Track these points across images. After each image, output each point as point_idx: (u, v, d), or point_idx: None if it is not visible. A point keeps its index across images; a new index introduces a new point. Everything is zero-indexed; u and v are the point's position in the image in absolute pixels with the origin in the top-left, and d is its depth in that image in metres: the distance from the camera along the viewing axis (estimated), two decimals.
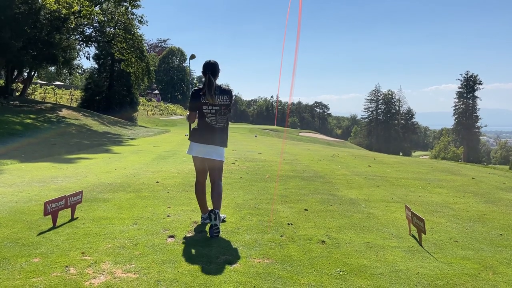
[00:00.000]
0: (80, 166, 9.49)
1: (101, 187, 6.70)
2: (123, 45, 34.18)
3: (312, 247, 3.91)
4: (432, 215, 5.32)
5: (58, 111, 26.57)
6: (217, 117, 4.41)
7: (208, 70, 4.38)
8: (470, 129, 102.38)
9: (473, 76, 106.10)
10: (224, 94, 4.42)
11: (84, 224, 4.51)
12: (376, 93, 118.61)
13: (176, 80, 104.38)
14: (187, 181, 7.46)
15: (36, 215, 4.80)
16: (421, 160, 13.77)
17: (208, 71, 4.38)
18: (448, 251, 3.90)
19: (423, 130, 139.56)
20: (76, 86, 66.37)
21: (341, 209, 5.51)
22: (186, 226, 4.50)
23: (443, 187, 7.62)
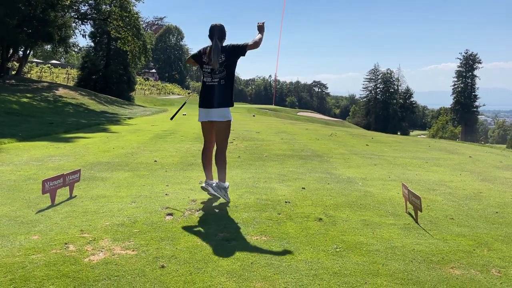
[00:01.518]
0: (78, 145, 9.47)
1: (99, 166, 6.71)
2: (119, 23, 33.71)
3: (309, 224, 3.94)
4: (428, 193, 5.35)
5: (54, 90, 26.38)
6: (212, 74, 4.47)
7: (214, 34, 4.43)
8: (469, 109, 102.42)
9: (472, 55, 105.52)
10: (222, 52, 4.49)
11: (83, 202, 4.53)
12: (375, 72, 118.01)
13: (173, 59, 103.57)
14: (185, 160, 7.48)
15: (35, 193, 4.81)
16: (418, 139, 13.80)
17: (214, 35, 4.43)
18: (443, 228, 3.94)
19: (421, 109, 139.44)
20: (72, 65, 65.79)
21: (339, 187, 5.54)
22: (185, 204, 4.52)
23: (440, 166, 7.65)
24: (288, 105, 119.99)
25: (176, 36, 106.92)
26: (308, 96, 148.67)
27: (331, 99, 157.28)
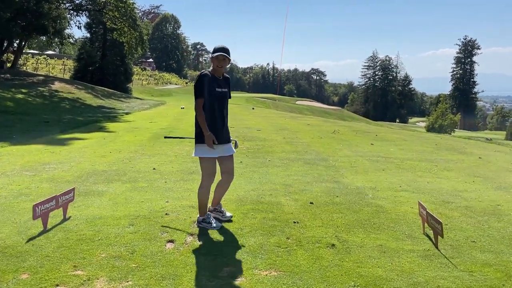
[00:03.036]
0: (74, 148, 9.15)
1: (95, 176, 6.39)
2: (115, 13, 33.04)
3: (322, 252, 3.65)
4: (444, 207, 5.07)
5: (50, 84, 25.92)
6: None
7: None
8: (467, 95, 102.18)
9: (471, 41, 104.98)
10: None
11: (77, 226, 4.22)
12: (373, 60, 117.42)
13: (170, 48, 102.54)
14: (185, 167, 7.17)
15: (26, 214, 4.50)
16: (424, 136, 13.49)
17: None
18: (466, 255, 3.65)
19: (420, 96, 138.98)
20: (69, 55, 64.94)
21: (348, 201, 5.25)
22: (186, 227, 4.22)
23: (450, 170, 7.36)
24: (287, 93, 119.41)
25: (173, 24, 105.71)
26: (307, 84, 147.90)
27: (330, 86, 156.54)
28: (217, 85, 4.07)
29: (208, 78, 4.03)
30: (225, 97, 4.16)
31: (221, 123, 4.15)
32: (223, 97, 4.14)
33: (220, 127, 4.14)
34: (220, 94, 4.10)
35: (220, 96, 4.10)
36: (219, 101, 4.11)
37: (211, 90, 4.03)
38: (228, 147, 4.26)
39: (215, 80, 4.07)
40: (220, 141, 4.11)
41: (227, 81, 4.23)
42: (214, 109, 4.10)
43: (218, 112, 4.12)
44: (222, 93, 4.12)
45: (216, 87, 4.07)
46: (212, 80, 4.05)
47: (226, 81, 4.22)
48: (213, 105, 4.09)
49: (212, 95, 4.06)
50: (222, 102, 4.15)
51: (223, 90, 4.13)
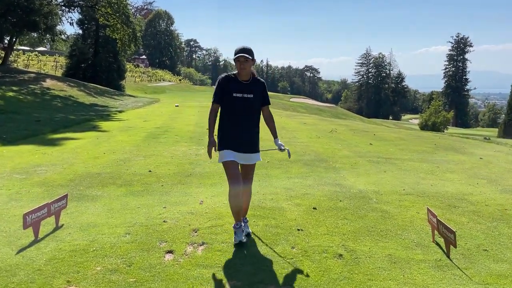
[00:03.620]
0: (66, 149, 8.90)
1: (89, 180, 6.17)
2: (108, 10, 32.58)
3: (329, 264, 3.48)
4: (451, 213, 4.91)
5: (42, 81, 25.49)
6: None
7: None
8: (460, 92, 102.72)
9: (464, 38, 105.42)
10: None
11: (71, 235, 4.01)
12: (367, 57, 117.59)
13: (163, 45, 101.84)
14: (182, 169, 6.96)
15: (17, 222, 4.27)
16: (422, 135, 13.37)
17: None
18: (480, 266, 3.50)
19: (412, 93, 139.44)
20: (61, 52, 64.17)
21: (352, 206, 5.08)
22: (185, 235, 4.02)
23: (453, 172, 7.22)
24: (280, 90, 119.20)
25: (166, 21, 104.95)
26: (300, 81, 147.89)
27: (323, 83, 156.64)
28: (237, 89, 3.72)
29: (226, 81, 3.76)
30: (250, 103, 3.76)
31: (243, 131, 3.79)
32: (246, 102, 3.74)
33: (239, 135, 3.79)
34: (241, 99, 3.72)
35: (241, 102, 3.72)
36: (240, 107, 3.74)
37: (228, 94, 3.73)
38: (253, 157, 3.92)
39: (237, 83, 3.75)
40: (240, 150, 3.81)
41: (257, 85, 3.83)
42: (233, 115, 3.78)
43: (240, 119, 3.77)
44: (244, 99, 3.72)
45: (236, 92, 3.72)
46: (233, 84, 3.75)
47: (256, 85, 3.83)
48: (232, 111, 3.77)
49: (230, 100, 3.74)
50: (245, 108, 3.76)
51: (247, 95, 3.73)
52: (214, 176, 6.53)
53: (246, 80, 3.77)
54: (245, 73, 3.71)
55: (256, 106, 3.83)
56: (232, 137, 3.78)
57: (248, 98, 3.74)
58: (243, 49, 3.64)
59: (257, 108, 3.86)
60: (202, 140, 10.18)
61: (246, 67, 3.67)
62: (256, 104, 3.82)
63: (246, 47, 3.66)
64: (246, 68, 3.67)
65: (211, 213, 4.67)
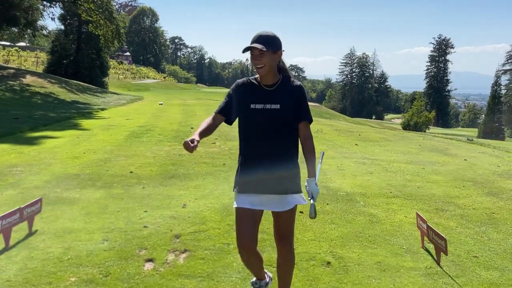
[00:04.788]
0: (44, 148, 8.59)
1: (66, 181, 5.92)
2: (90, 5, 31.96)
3: (317, 272, 3.34)
4: (439, 216, 4.83)
5: (21, 77, 24.82)
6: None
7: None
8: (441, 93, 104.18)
9: (445, 39, 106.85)
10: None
11: (44, 241, 3.79)
12: (351, 57, 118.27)
13: (148, 42, 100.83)
14: (165, 170, 6.75)
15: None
16: (406, 136, 13.39)
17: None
18: (471, 273, 3.40)
19: (395, 93, 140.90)
20: (42, 47, 62.84)
21: (339, 209, 4.96)
22: (166, 242, 3.84)
23: (439, 173, 7.17)
24: None
25: (151, 18, 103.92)
26: None
27: (308, 83, 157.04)
28: (257, 97, 2.50)
29: (239, 88, 2.59)
30: (275, 117, 2.48)
31: (267, 160, 2.48)
32: (269, 116, 2.48)
33: (262, 166, 2.48)
34: (262, 112, 2.48)
35: (262, 116, 2.48)
36: (260, 123, 2.48)
37: (243, 106, 2.52)
38: (285, 200, 2.55)
39: (256, 90, 2.54)
40: (264, 190, 2.51)
41: (288, 90, 2.55)
42: (252, 136, 2.52)
43: (262, 141, 2.48)
44: (266, 111, 2.48)
45: (254, 102, 2.50)
46: (251, 91, 2.54)
47: (287, 90, 2.55)
48: (250, 130, 2.53)
49: (246, 115, 2.53)
50: (269, 124, 2.48)
51: (270, 106, 2.48)
52: (198, 178, 6.34)
53: (270, 85, 2.53)
54: (265, 72, 2.48)
55: (286, 121, 2.51)
56: (251, 170, 2.51)
57: (273, 109, 2.48)
58: (258, 36, 2.45)
59: (289, 124, 2.52)
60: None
61: (263, 63, 2.43)
62: (287, 118, 2.50)
63: (263, 34, 2.46)
64: (263, 64, 2.44)
65: (195, 218, 4.49)
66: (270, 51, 2.42)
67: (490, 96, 75.16)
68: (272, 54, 2.44)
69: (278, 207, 2.54)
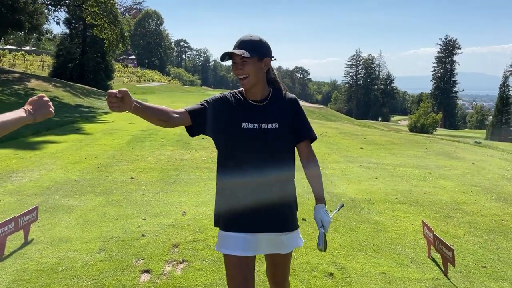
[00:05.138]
0: (46, 154, 8.53)
1: (66, 188, 5.84)
2: (95, 9, 32.06)
3: (319, 284, 3.22)
4: (446, 224, 4.69)
5: (26, 81, 24.91)
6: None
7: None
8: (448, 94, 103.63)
9: (452, 40, 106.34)
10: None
11: (40, 251, 3.70)
12: (356, 58, 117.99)
13: (153, 45, 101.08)
14: (166, 176, 6.66)
15: None
16: (412, 139, 13.21)
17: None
18: (480, 285, 3.26)
19: (401, 94, 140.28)
20: (48, 51, 63.21)
21: (343, 216, 4.83)
22: (164, 252, 3.73)
23: (446, 178, 7.02)
24: None
25: (156, 21, 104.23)
26: (291, 82, 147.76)
27: (313, 85, 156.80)
28: (248, 116, 2.05)
29: (227, 103, 2.09)
30: (273, 139, 2.04)
31: (261, 191, 2.03)
32: (265, 139, 2.03)
33: (255, 198, 2.02)
34: (257, 133, 2.03)
35: (256, 137, 2.03)
36: (255, 146, 2.02)
37: (232, 125, 2.04)
38: (284, 239, 2.10)
39: (245, 106, 2.09)
40: (258, 228, 2.04)
41: (282, 105, 2.14)
42: (243, 162, 2.02)
43: (253, 167, 2.01)
44: (261, 132, 2.03)
45: (246, 120, 2.04)
46: (239, 107, 2.08)
47: (281, 105, 2.14)
48: (241, 155, 2.03)
49: (236, 136, 2.04)
50: (264, 148, 2.03)
51: (267, 126, 2.05)
52: (199, 183, 6.24)
53: (259, 100, 2.10)
54: (250, 85, 2.04)
55: (286, 143, 2.10)
56: (241, 204, 2.03)
57: (270, 130, 2.04)
58: (240, 42, 2.04)
59: (288, 145, 2.11)
60: (188, 144, 9.89)
61: (246, 73, 2.00)
62: (286, 139, 2.09)
63: (245, 38, 2.05)
64: (246, 74, 2.01)
65: (194, 226, 4.38)
66: (255, 57, 2.00)
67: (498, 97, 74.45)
68: (257, 61, 2.02)
69: (276, 249, 2.09)
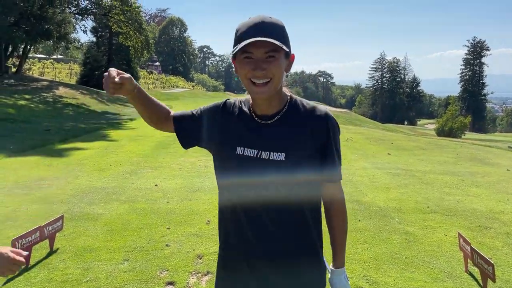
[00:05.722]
0: (73, 160, 8.63)
1: (91, 195, 5.85)
2: (121, 17, 32.73)
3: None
4: (483, 235, 4.45)
5: (54, 89, 25.53)
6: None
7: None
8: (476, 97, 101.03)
9: (480, 42, 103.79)
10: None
11: (64, 261, 3.67)
12: (381, 61, 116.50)
13: (177, 52, 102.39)
14: (190, 183, 6.61)
15: (8, 246, 3.96)
16: (441, 143, 12.82)
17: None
18: None
19: (428, 98, 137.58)
20: (75, 59, 64.85)
21: (373, 226, 4.65)
22: (188, 263, 3.65)
23: (479, 185, 6.73)
24: None
25: (180, 28, 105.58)
26: (314, 87, 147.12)
27: (337, 89, 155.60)
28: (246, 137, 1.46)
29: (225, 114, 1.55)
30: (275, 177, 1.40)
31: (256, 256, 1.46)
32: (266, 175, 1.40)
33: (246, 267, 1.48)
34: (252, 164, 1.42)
35: (250, 170, 1.42)
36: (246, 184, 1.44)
37: (223, 146, 1.51)
38: None
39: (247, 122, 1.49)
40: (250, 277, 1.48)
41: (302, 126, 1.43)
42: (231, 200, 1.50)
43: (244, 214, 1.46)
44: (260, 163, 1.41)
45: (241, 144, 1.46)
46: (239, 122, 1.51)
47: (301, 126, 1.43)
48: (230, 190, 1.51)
49: (226, 162, 1.51)
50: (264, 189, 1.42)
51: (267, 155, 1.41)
52: None
53: (269, 115, 1.47)
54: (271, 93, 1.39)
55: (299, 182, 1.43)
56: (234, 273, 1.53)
57: (272, 161, 1.41)
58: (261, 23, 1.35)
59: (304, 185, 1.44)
60: None
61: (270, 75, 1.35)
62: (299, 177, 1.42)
63: (266, 19, 1.36)
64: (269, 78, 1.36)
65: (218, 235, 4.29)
66: (283, 52, 1.33)
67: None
68: (284, 58, 1.35)
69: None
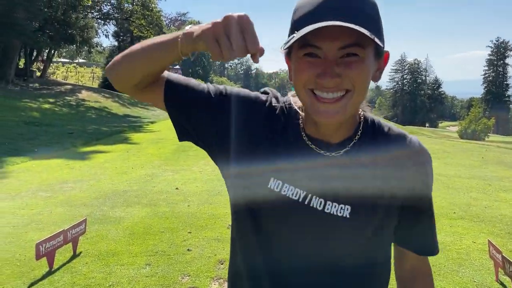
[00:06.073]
0: (95, 163, 8.74)
1: (113, 199, 5.89)
2: (142, 22, 33.19)
3: None
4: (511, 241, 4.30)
5: (77, 93, 26.03)
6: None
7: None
8: (500, 98, 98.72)
9: (504, 42, 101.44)
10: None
11: (87, 265, 3.69)
12: (401, 63, 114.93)
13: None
14: (211, 186, 6.60)
15: (32, 249, 3.93)
16: (466, 147, 12.52)
17: None
18: None
19: (450, 99, 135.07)
20: (98, 63, 66.01)
21: None
22: (210, 268, 3.62)
23: (507, 190, 6.52)
24: None
25: None
26: None
27: None
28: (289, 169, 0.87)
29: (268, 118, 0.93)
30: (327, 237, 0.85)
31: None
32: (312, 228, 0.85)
33: None
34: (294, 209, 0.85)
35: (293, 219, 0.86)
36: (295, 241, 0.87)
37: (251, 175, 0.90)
38: None
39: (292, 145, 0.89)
40: None
41: (383, 167, 0.86)
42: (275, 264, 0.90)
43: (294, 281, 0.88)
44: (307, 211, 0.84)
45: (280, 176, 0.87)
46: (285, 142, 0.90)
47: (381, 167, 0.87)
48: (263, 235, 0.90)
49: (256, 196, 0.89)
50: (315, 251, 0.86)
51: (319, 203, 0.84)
52: None
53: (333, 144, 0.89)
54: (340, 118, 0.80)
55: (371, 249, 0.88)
56: None
57: (331, 216, 0.84)
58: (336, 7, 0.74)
59: (375, 252, 0.90)
60: None
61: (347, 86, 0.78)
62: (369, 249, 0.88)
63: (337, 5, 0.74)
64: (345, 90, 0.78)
65: None
66: (371, 48, 0.80)
67: None
68: (373, 59, 0.82)
69: None
